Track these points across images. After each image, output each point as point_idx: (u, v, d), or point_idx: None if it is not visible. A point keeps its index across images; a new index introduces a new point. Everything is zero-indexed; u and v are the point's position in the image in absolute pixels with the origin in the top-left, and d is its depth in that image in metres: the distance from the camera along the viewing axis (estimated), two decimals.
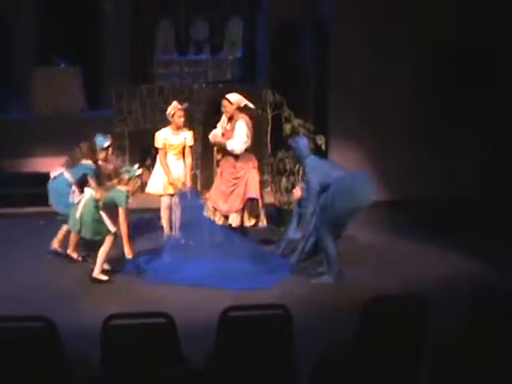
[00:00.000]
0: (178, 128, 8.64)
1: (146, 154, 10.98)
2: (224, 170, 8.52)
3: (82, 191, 7.85)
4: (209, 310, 6.65)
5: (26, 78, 12.10)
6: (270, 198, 10.18)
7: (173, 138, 8.65)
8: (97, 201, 7.43)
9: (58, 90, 12.03)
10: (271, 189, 10.12)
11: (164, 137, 8.65)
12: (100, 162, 8.26)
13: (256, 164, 8.55)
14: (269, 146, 9.78)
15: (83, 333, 5.70)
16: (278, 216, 9.73)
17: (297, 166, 9.60)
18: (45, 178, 9.10)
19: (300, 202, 8.08)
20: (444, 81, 10.44)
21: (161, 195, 8.65)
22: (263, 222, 8.59)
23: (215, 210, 8.51)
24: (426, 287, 7.09)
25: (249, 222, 8.50)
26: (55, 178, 8.18)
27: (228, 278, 7.73)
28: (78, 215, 7.46)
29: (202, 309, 6.83)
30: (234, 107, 8.50)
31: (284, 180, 9.60)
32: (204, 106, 11.28)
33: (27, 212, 9.92)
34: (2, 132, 11.38)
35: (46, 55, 12.51)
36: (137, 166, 7.72)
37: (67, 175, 8.11)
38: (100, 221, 7.44)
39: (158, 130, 10.80)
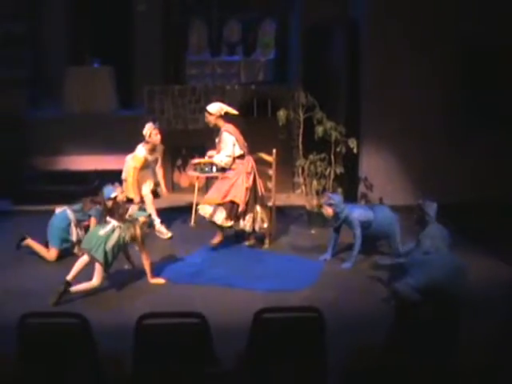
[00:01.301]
0: (155, 146, 8.96)
1: (177, 154, 11.04)
2: (222, 173, 8.74)
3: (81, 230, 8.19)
4: (238, 310, 6.73)
5: (59, 77, 12.19)
6: (300, 201, 10.20)
7: (150, 157, 8.99)
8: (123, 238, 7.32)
9: (91, 89, 12.11)
10: (301, 191, 10.09)
11: (144, 157, 8.89)
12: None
13: (250, 168, 8.56)
14: (300, 148, 9.74)
15: (114, 332, 5.73)
16: (308, 218, 9.72)
17: (328, 170, 9.58)
18: (76, 176, 9.23)
19: (334, 222, 8.19)
20: (479, 81, 10.30)
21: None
22: (250, 226, 8.59)
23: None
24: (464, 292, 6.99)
25: (222, 222, 8.51)
26: (56, 214, 8.33)
27: (257, 279, 7.73)
28: (98, 235, 7.26)
29: (231, 310, 6.84)
30: (214, 117, 8.59)
31: (315, 183, 9.57)
32: (236, 107, 11.26)
33: None
34: (36, 130, 11.51)
35: (79, 55, 12.60)
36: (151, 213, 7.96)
37: (69, 213, 8.27)
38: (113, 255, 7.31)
39: (188, 130, 10.97)
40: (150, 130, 8.91)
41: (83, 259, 7.22)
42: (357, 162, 10.53)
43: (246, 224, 8.57)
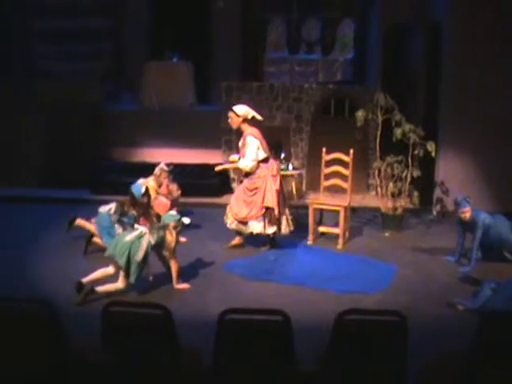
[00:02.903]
0: (160, 186, 8.97)
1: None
2: (244, 179, 8.49)
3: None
4: (311, 310, 6.71)
5: (139, 71, 12.39)
6: (375, 202, 10.12)
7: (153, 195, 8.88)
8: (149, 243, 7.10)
9: (170, 83, 12.25)
10: (376, 193, 9.99)
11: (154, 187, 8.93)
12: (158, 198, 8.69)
13: (276, 171, 8.42)
14: (377, 150, 9.64)
15: (187, 325, 5.78)
16: (382, 221, 9.62)
17: (404, 172, 9.46)
18: (152, 168, 9.36)
19: (460, 225, 8.14)
20: None
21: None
22: (286, 229, 8.49)
23: (235, 217, 8.47)
24: None
25: (269, 229, 8.41)
26: (101, 214, 8.33)
27: (330, 279, 7.69)
28: (124, 241, 7.03)
29: (304, 309, 6.81)
30: (240, 119, 8.37)
31: (391, 185, 9.46)
32: (313, 106, 11.27)
33: None
34: (114, 122, 11.74)
35: (159, 50, 12.76)
36: (188, 219, 7.63)
37: (113, 215, 8.24)
38: (140, 264, 7.02)
39: (265, 127, 10.95)
40: (160, 171, 9.02)
41: (107, 270, 7.04)
42: (433, 166, 10.37)
43: (285, 229, 8.47)
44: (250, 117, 8.39)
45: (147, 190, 8.32)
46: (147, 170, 10.84)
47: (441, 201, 10.36)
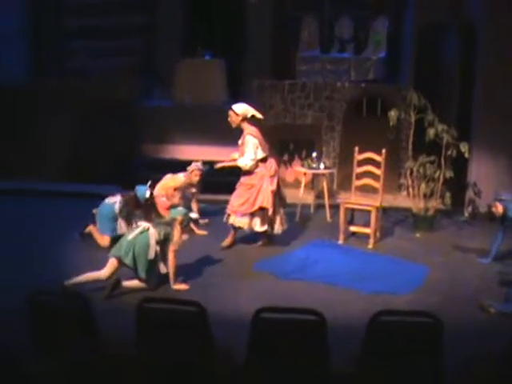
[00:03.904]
0: (192, 185, 9.17)
1: (284, 149, 11.08)
2: (243, 175, 8.47)
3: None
4: (342, 310, 6.68)
5: (171, 68, 12.44)
6: (406, 203, 10.06)
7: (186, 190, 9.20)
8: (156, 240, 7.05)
9: (202, 80, 12.30)
10: (408, 193, 9.94)
11: (181, 182, 9.10)
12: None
13: (274, 171, 8.39)
14: (410, 150, 9.58)
15: (219, 324, 5.80)
16: (414, 221, 9.57)
17: (437, 173, 9.39)
18: (182, 165, 9.42)
19: (501, 222, 8.03)
20: None
21: None
22: (279, 228, 8.49)
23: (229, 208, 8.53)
24: None
25: (260, 228, 8.41)
26: (105, 203, 8.42)
27: (361, 279, 7.66)
28: (128, 240, 7.01)
29: (335, 308, 6.75)
30: (239, 118, 8.33)
31: (423, 185, 9.41)
32: (345, 105, 11.23)
33: None
34: (146, 118, 11.80)
35: (191, 47, 12.81)
36: (195, 214, 7.60)
37: (117, 207, 8.33)
38: (151, 261, 7.00)
39: (296, 125, 10.98)
40: (193, 168, 9.13)
41: (99, 274, 6.93)
42: (465, 167, 10.28)
43: (278, 228, 8.48)
44: (249, 115, 8.37)
45: (151, 194, 8.35)
46: (177, 166, 10.90)
47: (473, 202, 10.27)
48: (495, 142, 10.15)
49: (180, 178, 9.16)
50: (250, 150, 8.27)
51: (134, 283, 6.99)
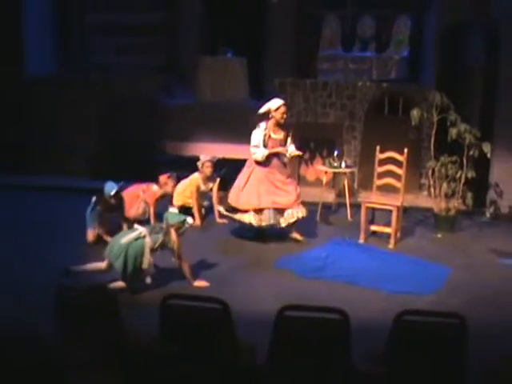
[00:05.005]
0: (207, 178, 9.37)
1: (305, 148, 11.06)
2: (268, 173, 8.61)
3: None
4: (363, 309, 6.68)
5: (193, 66, 12.47)
6: (427, 203, 10.03)
7: (203, 187, 9.44)
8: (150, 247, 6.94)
9: (224, 78, 12.33)
10: (429, 193, 9.90)
11: (198, 185, 9.38)
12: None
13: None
14: (432, 150, 9.55)
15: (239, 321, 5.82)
16: (435, 222, 9.53)
17: (459, 173, 9.36)
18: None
19: None
20: None
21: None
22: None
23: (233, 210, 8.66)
24: None
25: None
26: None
27: (381, 279, 7.66)
28: (120, 244, 6.91)
29: (356, 308, 6.69)
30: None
31: (445, 185, 9.37)
32: (366, 104, 11.20)
33: None
34: (168, 116, 11.84)
35: (213, 45, 12.84)
36: (190, 218, 7.37)
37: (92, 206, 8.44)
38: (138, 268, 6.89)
39: (318, 124, 11.00)
40: (203, 161, 9.34)
41: (99, 265, 7.01)
42: (488, 167, 10.22)
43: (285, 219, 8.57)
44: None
45: (118, 193, 8.37)
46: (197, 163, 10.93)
47: (495, 203, 10.21)
48: None
49: (195, 178, 9.37)
50: (252, 138, 8.70)
51: (119, 284, 6.88)
